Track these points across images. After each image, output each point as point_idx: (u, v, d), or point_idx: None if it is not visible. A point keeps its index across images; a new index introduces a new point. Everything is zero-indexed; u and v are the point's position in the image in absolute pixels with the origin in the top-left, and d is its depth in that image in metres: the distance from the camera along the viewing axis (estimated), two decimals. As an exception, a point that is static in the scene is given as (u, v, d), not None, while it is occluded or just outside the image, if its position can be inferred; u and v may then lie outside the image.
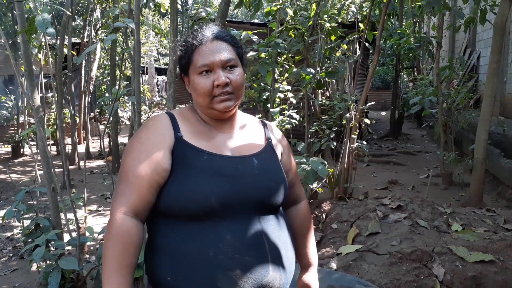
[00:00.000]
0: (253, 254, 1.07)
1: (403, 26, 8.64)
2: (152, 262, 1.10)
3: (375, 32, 4.77)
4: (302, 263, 1.36)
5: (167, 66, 18.22)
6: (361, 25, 5.09)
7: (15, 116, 9.66)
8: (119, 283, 1.00)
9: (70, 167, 6.97)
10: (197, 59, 1.14)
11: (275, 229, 1.15)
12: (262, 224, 1.12)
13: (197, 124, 1.19)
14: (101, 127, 11.98)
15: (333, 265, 2.65)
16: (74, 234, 2.96)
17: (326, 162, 3.53)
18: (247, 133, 1.25)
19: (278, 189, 1.16)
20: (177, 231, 1.07)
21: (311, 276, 1.34)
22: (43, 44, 3.29)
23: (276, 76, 4.75)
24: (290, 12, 4.66)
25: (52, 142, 9.07)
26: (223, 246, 1.04)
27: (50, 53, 2.94)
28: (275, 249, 1.12)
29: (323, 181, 4.42)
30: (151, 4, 4.97)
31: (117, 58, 8.25)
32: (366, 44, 4.74)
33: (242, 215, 1.09)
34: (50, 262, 2.69)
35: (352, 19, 7.22)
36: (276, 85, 4.71)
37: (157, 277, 1.08)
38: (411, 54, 8.67)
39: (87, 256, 3.74)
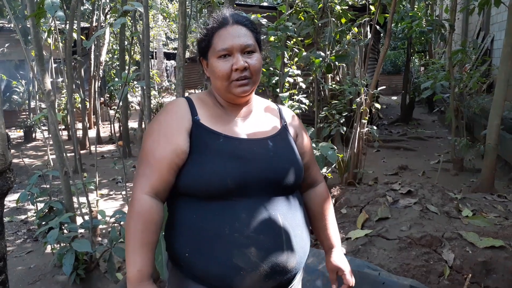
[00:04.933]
0: (267, 233, 1.09)
1: (415, 9, 8.47)
2: (172, 239, 1.15)
3: (387, 15, 4.68)
4: (325, 246, 1.37)
5: (175, 51, 18.17)
6: (372, 7, 4.99)
7: (27, 101, 9.76)
8: (141, 259, 1.06)
9: (81, 151, 7.05)
10: (217, 43, 1.16)
11: (290, 210, 1.17)
12: (277, 204, 1.14)
13: (214, 108, 1.22)
14: (111, 112, 12.04)
15: (343, 250, 2.66)
16: (86, 217, 3.01)
17: (335, 147, 3.52)
18: (262, 117, 1.27)
19: (292, 171, 1.18)
20: (195, 210, 1.11)
21: (337, 258, 1.33)
22: (52, 28, 3.29)
23: (285, 60, 4.71)
24: (300, -6, 4.59)
25: (63, 127, 9.16)
26: (238, 224, 1.08)
27: (59, 37, 2.94)
28: (289, 230, 1.14)
29: (333, 166, 4.41)
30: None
31: (126, 42, 8.24)
32: (377, 27, 4.67)
33: (257, 196, 1.12)
34: (64, 244, 2.75)
35: (363, 1, 7.09)
36: (286, 70, 4.67)
37: (176, 253, 1.13)
38: (423, 38, 8.52)
39: (99, 239, 3.81)
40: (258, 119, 1.25)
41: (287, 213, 1.15)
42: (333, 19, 4.57)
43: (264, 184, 1.12)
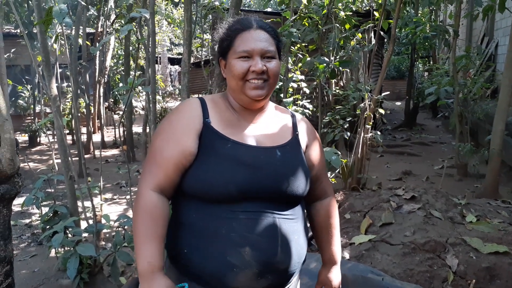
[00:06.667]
0: (263, 235, 1.11)
1: (419, 15, 8.48)
2: (172, 236, 1.17)
3: (391, 21, 4.70)
4: (324, 259, 1.38)
5: (180, 56, 18.26)
6: (376, 13, 5.01)
7: (32, 106, 9.82)
8: (151, 252, 1.07)
9: (86, 156, 7.09)
10: (239, 44, 1.17)
11: (290, 217, 1.17)
12: (277, 212, 1.15)
13: (226, 111, 1.22)
14: (116, 116, 12.10)
15: (346, 255, 2.66)
16: (90, 222, 3.03)
17: (339, 153, 3.52)
18: (274, 125, 1.26)
19: (297, 182, 1.18)
20: (197, 210, 1.13)
21: (332, 274, 1.35)
22: (59, 34, 3.33)
23: (289, 65, 4.73)
24: (304, 0, 4.61)
25: (67, 131, 9.21)
26: (236, 225, 1.10)
27: (66, 43, 2.98)
28: (286, 234, 1.15)
29: (337, 171, 4.41)
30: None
31: (130, 48, 8.30)
32: (381, 33, 4.68)
33: (259, 202, 1.13)
34: (68, 248, 2.76)
35: (367, 7, 7.12)
36: (290, 75, 4.69)
37: (175, 249, 1.16)
38: (427, 43, 8.52)
39: (103, 243, 3.82)
40: (269, 126, 1.25)
41: (286, 220, 1.16)
42: (337, 25, 4.58)
43: (266, 193, 1.13)
